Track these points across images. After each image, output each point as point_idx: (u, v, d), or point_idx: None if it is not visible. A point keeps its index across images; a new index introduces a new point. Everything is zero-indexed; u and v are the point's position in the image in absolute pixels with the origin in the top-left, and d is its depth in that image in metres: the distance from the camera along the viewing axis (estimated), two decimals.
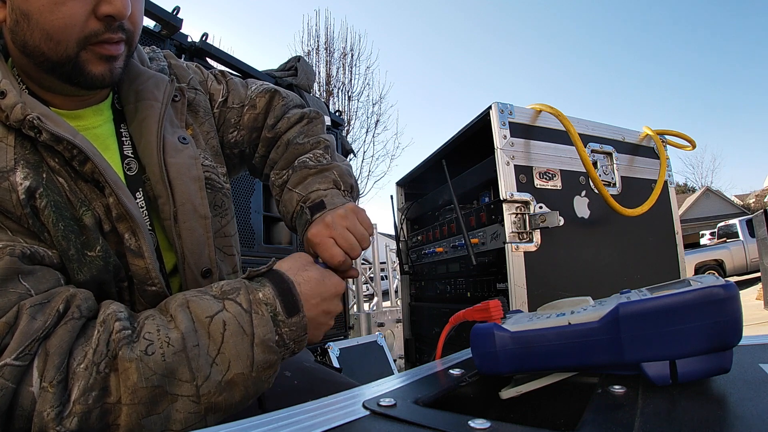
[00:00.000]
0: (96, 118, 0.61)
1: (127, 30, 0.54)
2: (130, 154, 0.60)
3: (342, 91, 9.76)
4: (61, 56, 0.51)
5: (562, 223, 1.12)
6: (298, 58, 2.22)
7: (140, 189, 0.60)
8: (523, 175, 1.20)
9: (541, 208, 1.18)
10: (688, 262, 6.35)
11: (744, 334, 0.34)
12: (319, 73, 9.58)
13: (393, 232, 1.90)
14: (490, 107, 1.22)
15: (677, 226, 1.50)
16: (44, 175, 0.50)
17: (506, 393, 0.41)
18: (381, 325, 3.35)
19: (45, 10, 0.48)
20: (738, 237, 8.74)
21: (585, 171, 1.24)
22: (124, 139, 0.61)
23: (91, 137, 0.56)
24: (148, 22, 1.58)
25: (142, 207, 0.59)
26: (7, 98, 0.49)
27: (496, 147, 1.18)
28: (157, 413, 0.43)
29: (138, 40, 0.59)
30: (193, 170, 0.62)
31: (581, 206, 1.29)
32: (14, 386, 0.40)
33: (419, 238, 1.74)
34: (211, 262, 0.62)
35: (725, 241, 8.93)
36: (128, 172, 0.60)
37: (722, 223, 10.20)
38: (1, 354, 0.41)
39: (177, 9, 1.60)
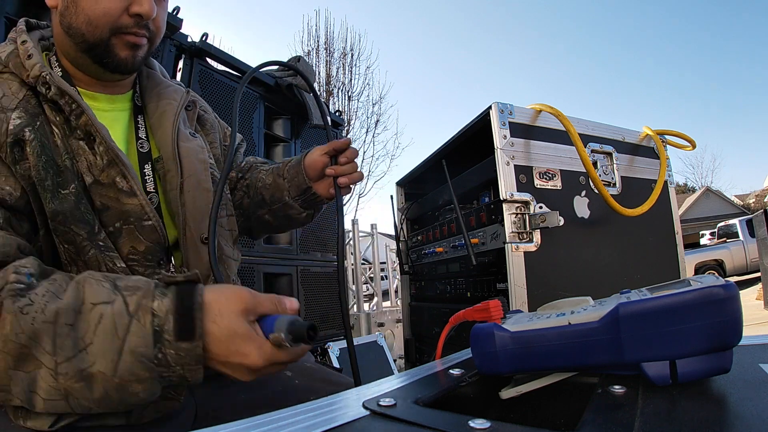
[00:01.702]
0: (107, 104, 0.70)
1: (151, 30, 0.66)
2: (143, 137, 0.70)
3: (342, 91, 9.75)
4: (96, 39, 0.62)
5: (562, 223, 1.12)
6: (298, 58, 2.21)
7: (149, 162, 0.68)
8: (523, 175, 1.20)
9: (541, 208, 1.18)
10: (688, 262, 6.34)
11: (744, 334, 0.34)
12: (319, 73, 9.57)
13: (393, 232, 1.90)
14: (490, 107, 1.22)
15: (677, 226, 1.49)
16: (38, 123, 0.58)
17: (506, 393, 0.41)
18: (381, 325, 3.35)
19: (91, 1, 0.61)
20: (738, 237, 8.74)
21: (585, 171, 1.24)
22: (139, 126, 0.71)
23: (96, 116, 0.63)
24: None
25: (151, 179, 0.68)
26: (32, 59, 0.59)
27: (496, 147, 1.18)
28: (24, 371, 0.44)
29: (158, 44, 0.70)
30: (200, 154, 0.72)
31: (581, 206, 1.29)
32: None
33: (419, 238, 1.74)
34: (211, 232, 0.67)
35: (725, 241, 8.93)
36: (140, 149, 0.69)
37: (722, 223, 10.20)
38: None
39: (177, 9, 1.60)
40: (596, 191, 1.26)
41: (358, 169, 0.79)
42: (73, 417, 0.51)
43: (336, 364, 2.01)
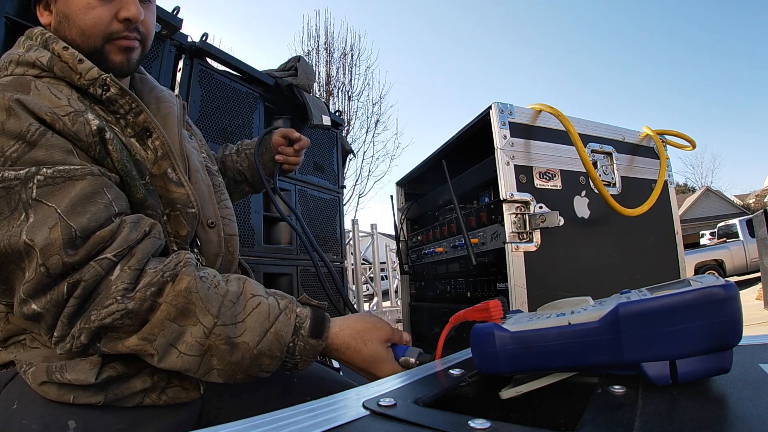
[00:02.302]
0: None
1: (142, 32, 0.70)
2: None
3: (342, 91, 9.76)
4: (91, 47, 0.66)
5: (562, 223, 1.12)
6: (298, 58, 2.21)
7: None
8: (523, 175, 1.19)
9: (541, 208, 1.18)
10: (688, 262, 6.33)
11: (744, 334, 0.34)
12: (319, 73, 9.57)
13: (393, 232, 1.90)
14: (490, 107, 1.22)
15: (677, 226, 1.49)
16: (104, 122, 0.63)
17: (506, 393, 0.41)
18: None
19: (81, 12, 0.65)
20: (738, 237, 8.72)
21: (585, 171, 1.24)
22: None
23: None
24: None
25: None
26: (84, 63, 0.63)
27: (496, 147, 1.18)
28: (179, 324, 0.55)
29: (150, 45, 0.75)
30: (198, 156, 0.80)
31: (581, 206, 1.29)
32: (104, 274, 0.54)
33: (419, 238, 1.74)
34: (216, 217, 0.76)
35: (725, 241, 8.92)
36: None
37: (722, 223, 10.18)
38: (104, 250, 0.55)
39: (177, 9, 1.60)
40: (596, 191, 1.26)
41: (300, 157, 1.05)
42: (114, 371, 0.58)
43: (336, 364, 2.00)
